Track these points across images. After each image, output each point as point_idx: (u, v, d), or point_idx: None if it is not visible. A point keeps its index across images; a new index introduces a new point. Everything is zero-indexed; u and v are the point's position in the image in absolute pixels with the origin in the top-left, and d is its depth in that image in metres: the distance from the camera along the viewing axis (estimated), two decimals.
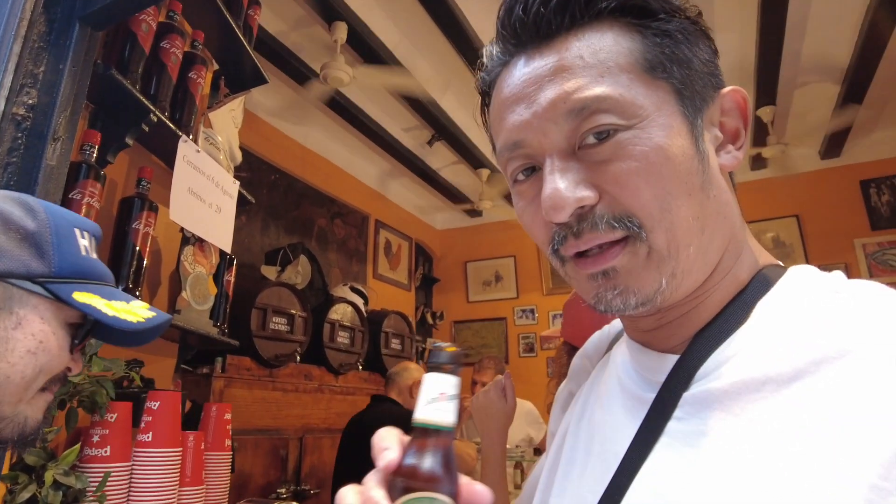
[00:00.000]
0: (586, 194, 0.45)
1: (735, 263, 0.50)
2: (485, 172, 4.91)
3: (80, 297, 0.68)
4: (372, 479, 0.42)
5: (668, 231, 0.45)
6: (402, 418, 2.31)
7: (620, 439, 0.49)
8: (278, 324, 3.07)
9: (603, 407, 0.54)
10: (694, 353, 0.48)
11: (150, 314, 0.75)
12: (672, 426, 0.46)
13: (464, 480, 0.42)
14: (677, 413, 0.46)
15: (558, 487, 0.53)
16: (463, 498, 0.41)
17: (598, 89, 0.45)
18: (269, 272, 3.41)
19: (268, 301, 3.04)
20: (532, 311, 5.79)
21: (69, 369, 0.74)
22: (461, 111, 4.10)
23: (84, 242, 0.73)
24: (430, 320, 5.92)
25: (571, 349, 1.29)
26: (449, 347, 0.45)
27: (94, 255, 0.76)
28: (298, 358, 3.11)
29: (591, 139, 0.46)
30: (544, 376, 5.56)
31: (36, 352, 0.67)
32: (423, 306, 5.91)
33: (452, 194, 5.42)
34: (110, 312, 0.69)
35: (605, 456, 0.50)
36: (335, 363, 3.43)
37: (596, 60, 0.46)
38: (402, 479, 0.42)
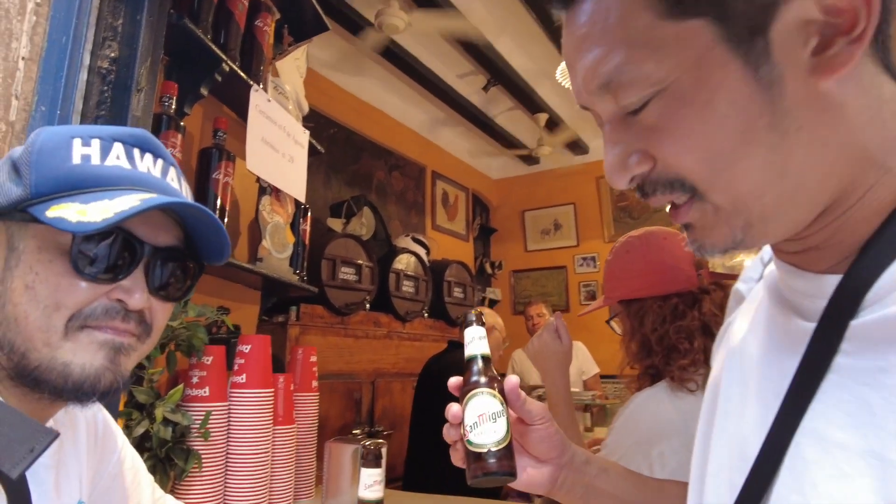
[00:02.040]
0: (636, 166, 0.45)
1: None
2: (542, 117, 4.76)
3: (54, 211, 0.57)
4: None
5: (726, 189, 0.43)
6: None
7: (778, 377, 0.44)
8: (347, 273, 3.14)
9: (758, 339, 0.48)
10: (860, 272, 0.41)
11: (127, 206, 0.58)
12: (840, 361, 0.40)
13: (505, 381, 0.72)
14: (845, 346, 0.40)
15: (719, 429, 0.49)
16: (505, 391, 0.71)
17: (617, 59, 0.43)
18: (335, 224, 3.46)
19: (336, 252, 3.10)
20: (594, 258, 5.69)
21: (120, 301, 0.61)
22: (518, 53, 3.95)
23: (87, 150, 0.62)
24: (488, 270, 5.92)
25: (630, 306, 1.22)
26: (473, 311, 0.77)
27: (114, 162, 0.63)
28: (368, 306, 3.18)
29: (632, 107, 0.44)
30: (605, 324, 5.50)
31: (33, 285, 0.58)
32: (481, 256, 5.91)
33: (509, 142, 5.30)
34: (74, 218, 0.55)
35: (763, 395, 0.45)
36: (401, 311, 3.50)
37: (610, 22, 0.43)
38: (464, 389, 0.72)
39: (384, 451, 1.34)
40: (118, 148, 0.64)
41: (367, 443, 0.84)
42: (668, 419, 1.08)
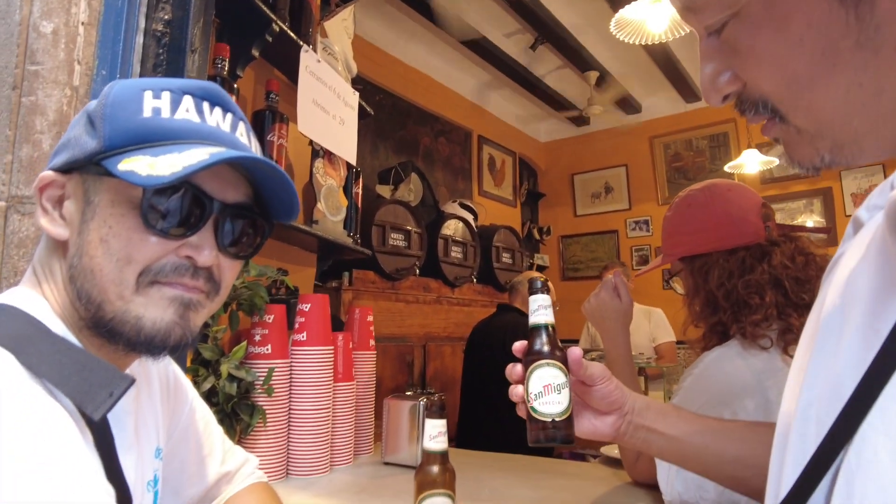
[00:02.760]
0: (726, 86, 0.45)
1: None
2: (593, 75, 4.59)
3: (126, 164, 0.57)
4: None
5: (808, 112, 0.41)
6: (523, 328, 2.31)
7: (885, 313, 0.40)
8: (396, 239, 3.16)
9: (869, 272, 0.44)
10: None
11: (201, 157, 0.57)
12: None
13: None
14: None
15: (814, 363, 0.46)
16: (569, 362, 0.75)
17: None
18: (384, 191, 3.47)
19: (385, 218, 3.11)
20: (646, 222, 5.53)
21: (189, 258, 0.61)
22: (566, 8, 3.79)
23: (158, 103, 0.61)
24: (536, 236, 5.85)
25: (693, 263, 1.15)
26: (540, 278, 0.78)
27: (184, 115, 0.62)
28: (417, 271, 3.20)
29: (712, 28, 0.44)
30: (659, 288, 5.36)
31: (107, 239, 0.59)
32: (528, 222, 5.83)
33: (558, 103, 5.15)
34: (144, 172, 0.55)
35: (864, 332, 0.41)
36: (450, 276, 3.51)
37: None
38: (528, 358, 0.76)
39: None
40: (188, 101, 0.63)
41: (431, 393, 0.83)
42: (740, 379, 1.03)
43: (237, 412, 1.17)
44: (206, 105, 0.64)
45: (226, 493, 0.87)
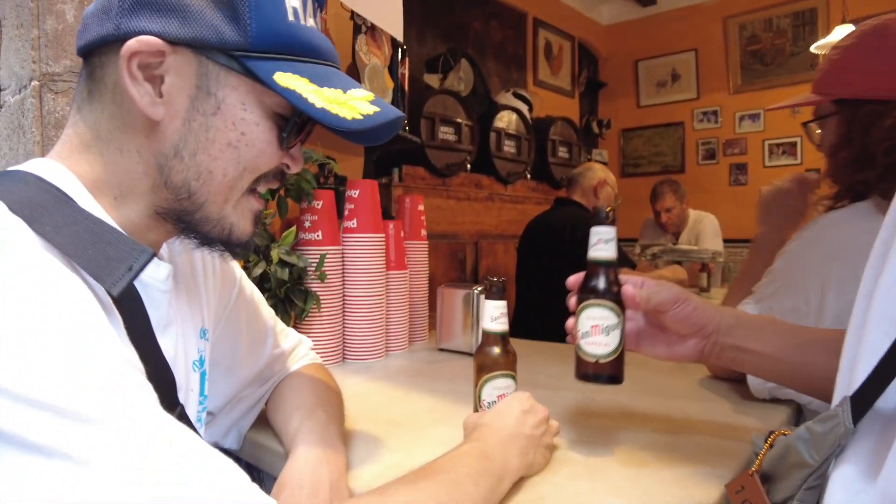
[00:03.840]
0: None
1: None
2: None
3: (284, 79, 0.53)
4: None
5: None
6: (585, 221, 2.21)
7: None
8: (446, 133, 3.03)
9: None
10: None
11: (371, 109, 0.56)
12: None
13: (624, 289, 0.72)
14: None
15: (888, 276, 0.43)
16: (624, 301, 0.71)
17: None
18: (432, 80, 3.29)
19: (434, 110, 2.97)
20: (715, 112, 5.12)
21: (287, 166, 0.62)
22: None
23: (294, 3, 0.55)
24: (595, 129, 5.54)
25: (857, 109, 0.97)
26: (605, 208, 0.71)
27: (311, 22, 0.58)
28: (469, 167, 3.09)
29: None
30: (725, 184, 5.07)
31: (238, 145, 0.56)
32: (587, 115, 5.51)
33: None
34: (318, 103, 0.53)
35: None
36: (503, 172, 3.38)
37: None
38: (580, 295, 0.73)
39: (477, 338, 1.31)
40: (309, 4, 0.58)
41: (491, 277, 0.77)
42: (862, 240, 0.91)
43: (291, 297, 1.15)
44: (312, 4, 0.59)
45: (280, 373, 0.86)
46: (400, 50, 1.70)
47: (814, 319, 0.91)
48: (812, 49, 3.76)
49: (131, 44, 0.51)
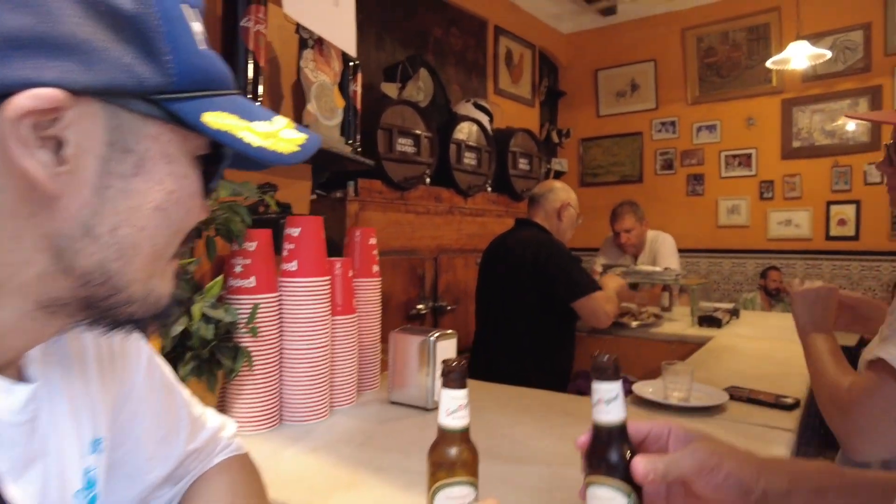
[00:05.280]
0: None
1: None
2: None
3: (213, 119, 0.44)
4: None
5: None
6: (545, 245, 2.13)
7: None
8: (405, 145, 2.90)
9: None
10: None
11: (301, 137, 0.49)
12: None
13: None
14: None
15: None
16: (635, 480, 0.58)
17: None
18: (390, 89, 3.15)
19: (392, 121, 2.83)
20: (673, 123, 5.15)
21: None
22: None
23: (196, 26, 0.46)
24: (555, 139, 5.50)
25: None
26: (604, 355, 0.60)
27: (205, 45, 0.47)
28: (428, 180, 2.97)
29: None
30: (682, 194, 5.10)
31: (166, 207, 0.46)
32: (547, 123, 5.46)
33: None
34: (255, 141, 0.45)
35: None
36: (463, 185, 3.27)
37: None
38: (588, 464, 0.60)
39: (433, 390, 1.19)
40: (197, 18, 0.47)
41: (451, 361, 0.64)
42: None
43: (217, 357, 1.00)
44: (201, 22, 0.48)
45: (195, 471, 0.71)
46: (352, 65, 1.56)
47: None
48: (767, 64, 3.79)
49: (20, 101, 0.37)
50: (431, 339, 1.21)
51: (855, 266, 4.47)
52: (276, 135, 0.47)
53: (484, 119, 3.53)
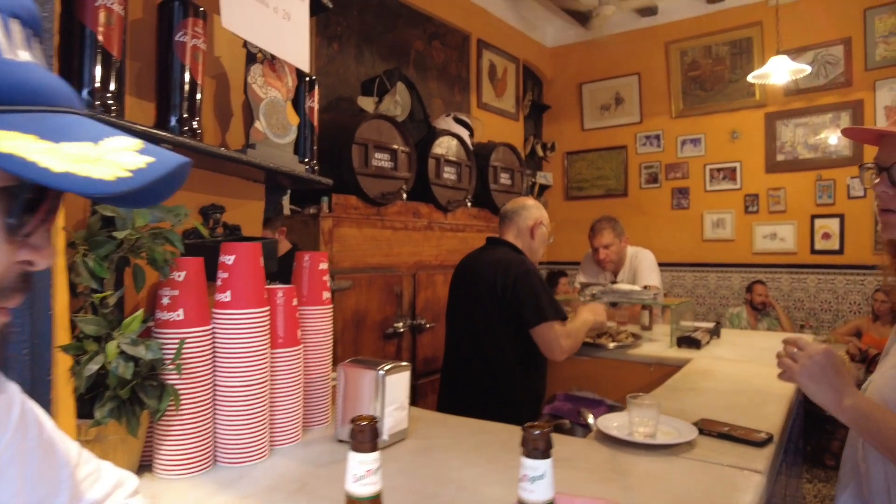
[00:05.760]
0: None
1: None
2: None
3: (5, 141, 0.37)
4: None
5: None
6: (515, 266, 2.06)
7: None
8: (381, 160, 2.84)
9: None
10: None
11: (143, 161, 0.41)
12: None
13: None
14: None
15: None
16: None
17: None
18: (367, 104, 3.09)
19: (368, 136, 2.77)
20: (657, 137, 5.13)
21: (29, 263, 0.44)
22: None
23: None
24: (540, 152, 5.47)
25: None
26: (534, 427, 0.57)
27: (25, 56, 0.41)
28: (405, 195, 2.90)
29: None
30: (667, 208, 5.06)
31: None
32: (532, 137, 5.43)
33: (566, 1, 4.61)
34: (58, 166, 0.37)
35: None
36: (443, 200, 3.21)
37: None
38: None
39: (384, 426, 1.12)
40: (16, 29, 0.41)
41: (359, 420, 0.57)
42: None
43: (140, 396, 0.92)
44: (26, 33, 0.42)
45: None
46: (307, 80, 1.49)
47: None
48: (749, 79, 3.76)
49: None
50: (381, 372, 1.14)
51: (840, 280, 4.43)
52: (98, 159, 0.39)
53: (464, 133, 3.48)
